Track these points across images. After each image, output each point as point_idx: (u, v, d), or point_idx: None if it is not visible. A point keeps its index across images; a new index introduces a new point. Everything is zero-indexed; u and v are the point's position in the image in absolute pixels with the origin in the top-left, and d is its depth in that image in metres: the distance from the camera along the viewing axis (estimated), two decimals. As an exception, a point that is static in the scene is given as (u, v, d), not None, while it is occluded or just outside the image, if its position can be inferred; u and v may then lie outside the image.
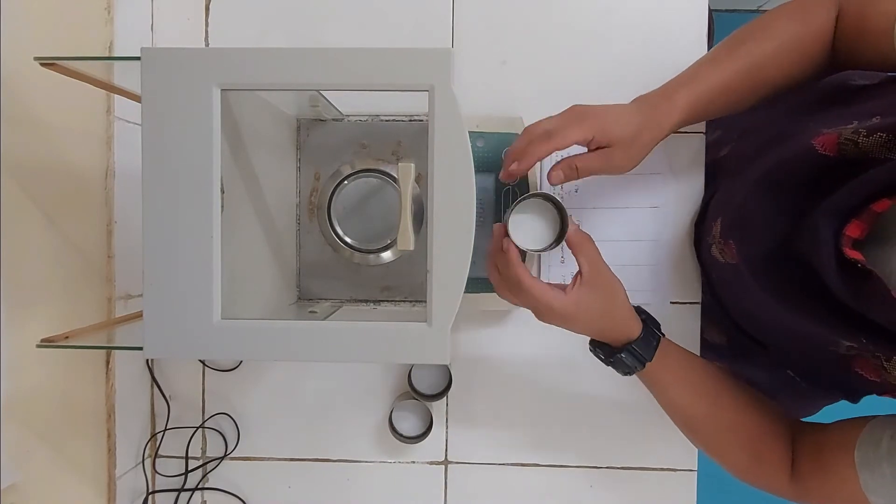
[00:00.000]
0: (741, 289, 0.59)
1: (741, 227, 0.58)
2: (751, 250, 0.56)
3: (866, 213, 0.44)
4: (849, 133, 0.46)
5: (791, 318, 0.53)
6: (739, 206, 0.58)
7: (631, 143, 0.55)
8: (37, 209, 0.58)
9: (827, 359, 0.52)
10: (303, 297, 0.73)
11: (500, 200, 0.69)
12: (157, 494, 0.75)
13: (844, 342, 0.49)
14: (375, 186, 0.70)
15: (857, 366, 0.49)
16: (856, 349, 0.49)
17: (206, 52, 0.52)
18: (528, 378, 0.74)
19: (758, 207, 0.55)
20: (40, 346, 0.50)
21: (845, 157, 0.46)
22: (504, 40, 0.72)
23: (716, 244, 0.62)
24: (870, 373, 0.48)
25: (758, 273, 0.55)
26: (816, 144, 0.48)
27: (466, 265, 0.45)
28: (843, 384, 0.54)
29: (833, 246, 0.45)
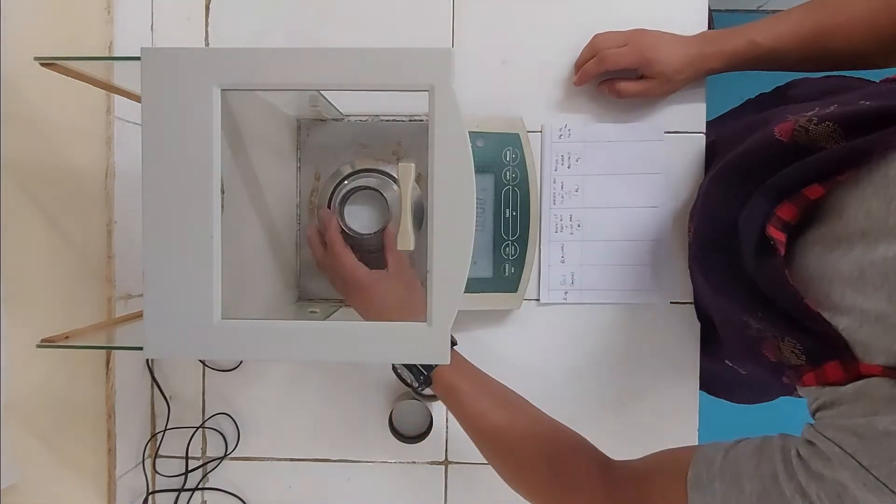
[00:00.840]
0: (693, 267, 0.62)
1: (700, 209, 0.60)
2: (702, 230, 0.58)
3: (798, 196, 0.45)
4: (804, 120, 0.47)
5: (719, 297, 0.55)
6: (703, 191, 0.60)
7: (669, 80, 0.65)
8: (37, 209, 0.58)
9: (745, 341, 0.53)
10: (303, 297, 0.73)
11: (499, 200, 0.69)
12: (157, 494, 0.75)
13: (753, 323, 0.50)
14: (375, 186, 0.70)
15: (763, 348, 0.50)
16: (762, 331, 0.49)
17: (206, 52, 0.52)
18: (527, 378, 0.73)
19: (715, 192, 0.57)
20: (40, 346, 0.50)
21: (797, 144, 0.47)
22: (504, 40, 0.72)
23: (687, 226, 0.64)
24: (771, 354, 0.49)
25: (700, 251, 0.58)
26: (776, 130, 0.49)
27: (466, 265, 0.45)
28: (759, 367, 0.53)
29: (760, 223, 0.47)
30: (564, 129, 0.71)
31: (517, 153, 0.69)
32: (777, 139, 0.49)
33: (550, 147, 0.71)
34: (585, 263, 0.72)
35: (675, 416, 0.72)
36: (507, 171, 0.69)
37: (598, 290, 0.72)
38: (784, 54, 0.60)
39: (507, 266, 0.69)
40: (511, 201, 0.69)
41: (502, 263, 0.69)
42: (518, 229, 0.69)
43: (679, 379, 0.72)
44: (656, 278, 0.72)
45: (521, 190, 0.69)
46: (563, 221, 0.72)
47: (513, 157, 0.68)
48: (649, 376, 0.73)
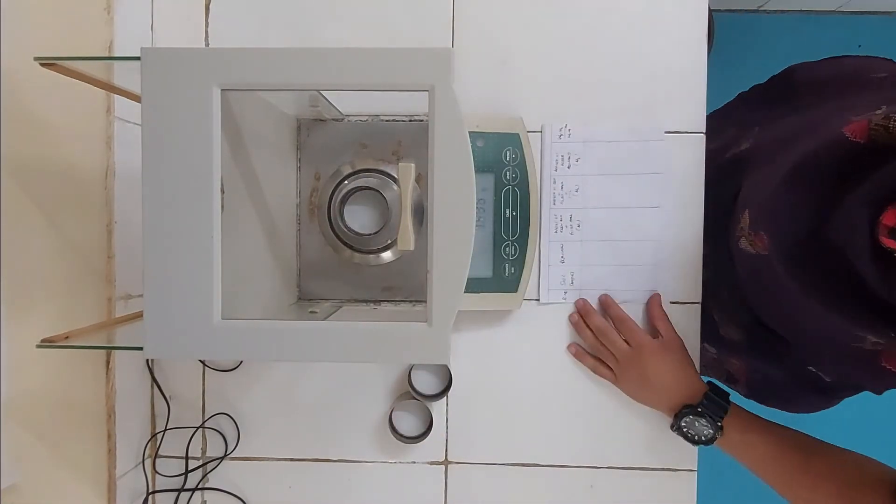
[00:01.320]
0: (771, 281, 0.59)
1: (771, 218, 0.57)
2: (782, 241, 0.56)
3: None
4: (879, 119, 0.45)
5: (818, 310, 0.53)
6: (769, 198, 0.57)
7: None
8: (37, 209, 0.58)
9: (853, 354, 0.51)
10: (303, 298, 0.73)
11: (499, 200, 0.69)
12: (157, 494, 0.75)
13: (871, 337, 0.48)
14: (375, 186, 0.70)
15: (884, 360, 0.48)
16: (882, 345, 0.48)
17: (206, 52, 0.52)
18: (528, 378, 0.74)
19: (788, 198, 0.54)
20: (40, 346, 0.50)
21: (876, 144, 0.45)
22: (504, 40, 0.72)
23: (745, 236, 0.61)
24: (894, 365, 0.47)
25: (788, 264, 0.55)
26: (847, 132, 0.47)
27: (466, 265, 0.45)
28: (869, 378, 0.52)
29: (868, 235, 0.44)
30: (564, 129, 0.71)
31: (517, 153, 0.69)
32: (852, 141, 0.47)
33: (550, 147, 0.71)
34: (585, 263, 0.72)
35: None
36: (507, 171, 0.69)
37: (597, 290, 0.72)
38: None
39: (507, 266, 0.69)
40: (511, 201, 0.69)
41: (502, 263, 0.69)
42: (518, 229, 0.69)
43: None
44: (656, 278, 0.72)
45: (521, 190, 0.69)
46: (563, 221, 0.72)
47: (513, 157, 0.68)
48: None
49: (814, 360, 0.64)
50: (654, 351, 0.66)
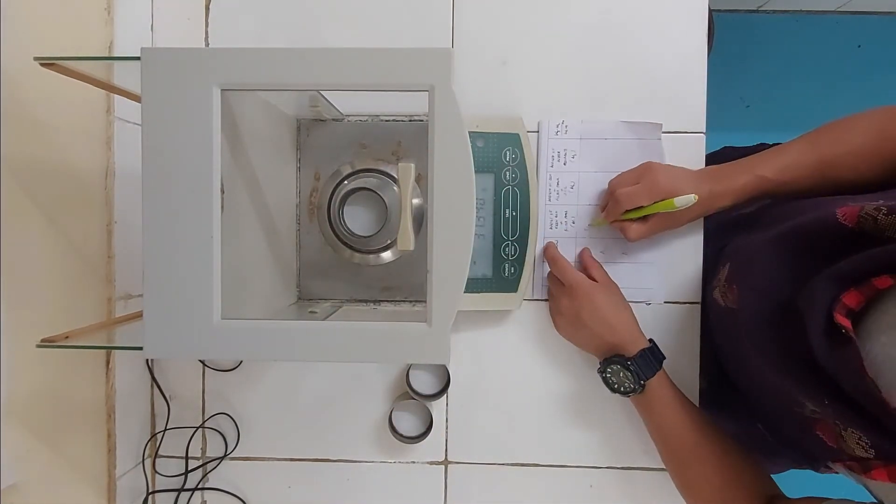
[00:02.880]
0: (734, 334, 0.61)
1: (747, 275, 0.59)
2: (752, 298, 0.57)
3: (867, 285, 0.45)
4: (871, 208, 0.46)
5: (769, 371, 0.54)
6: (751, 257, 0.59)
7: (677, 219, 0.65)
8: (37, 209, 0.58)
9: (793, 418, 0.53)
10: (303, 298, 0.73)
11: (499, 200, 0.69)
12: (157, 494, 0.75)
13: (809, 405, 0.50)
14: (375, 186, 0.70)
15: (818, 428, 0.50)
16: (818, 413, 0.49)
17: (206, 52, 0.52)
18: (527, 378, 0.74)
19: (768, 260, 0.55)
20: (40, 346, 0.50)
21: (862, 231, 0.46)
22: (504, 40, 0.72)
23: (719, 287, 0.63)
24: (829, 438, 0.49)
25: (752, 322, 0.56)
26: (839, 213, 0.48)
27: (466, 265, 0.45)
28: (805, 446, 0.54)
29: (826, 309, 0.46)
30: (561, 125, 0.71)
31: (517, 153, 0.69)
32: (840, 223, 0.48)
33: (547, 143, 0.71)
34: (580, 260, 0.72)
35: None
36: (507, 171, 0.69)
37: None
38: (792, 185, 0.60)
39: (507, 266, 0.69)
40: (511, 201, 0.69)
41: (502, 263, 0.69)
42: (518, 229, 0.69)
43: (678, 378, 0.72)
44: (650, 277, 0.72)
45: (520, 190, 0.69)
46: (558, 218, 0.72)
47: (513, 157, 0.69)
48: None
49: (762, 419, 0.65)
50: (588, 291, 0.66)
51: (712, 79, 0.71)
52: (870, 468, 0.44)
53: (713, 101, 0.71)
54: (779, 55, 1.73)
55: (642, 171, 0.65)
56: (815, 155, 0.59)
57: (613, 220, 0.67)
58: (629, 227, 0.66)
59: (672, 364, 0.72)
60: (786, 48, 1.72)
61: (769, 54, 1.71)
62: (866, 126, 0.58)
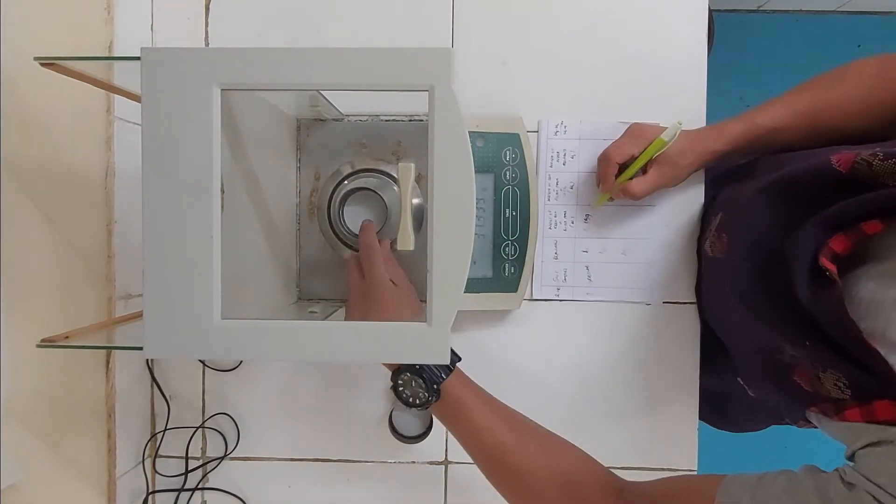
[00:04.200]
0: (718, 284, 0.60)
1: (737, 223, 0.59)
2: (739, 247, 0.57)
3: (855, 230, 0.45)
4: (866, 154, 0.46)
5: (749, 320, 0.54)
6: (742, 205, 0.59)
7: (675, 163, 0.63)
8: (37, 209, 0.58)
9: (772, 365, 0.52)
10: (303, 297, 0.73)
11: (499, 200, 0.69)
12: (157, 494, 0.75)
13: (789, 349, 0.49)
14: (375, 186, 0.70)
15: (795, 374, 0.49)
16: (798, 358, 0.49)
17: (206, 52, 0.52)
18: (527, 378, 0.74)
19: (759, 209, 0.55)
20: (40, 346, 0.50)
21: (856, 177, 0.46)
22: (504, 40, 0.72)
23: (710, 238, 0.63)
24: (805, 382, 0.48)
25: (737, 270, 0.56)
26: (833, 160, 0.48)
27: (466, 265, 0.45)
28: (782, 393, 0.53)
29: (813, 252, 0.46)
30: (560, 125, 0.71)
31: (517, 153, 0.69)
32: (834, 168, 0.47)
33: (546, 143, 0.71)
34: (578, 261, 0.72)
35: (675, 415, 0.72)
36: (507, 171, 0.69)
37: (590, 288, 0.72)
38: (784, 133, 0.60)
39: (507, 266, 0.69)
40: (511, 201, 0.69)
41: (502, 263, 0.69)
42: (518, 229, 0.69)
43: (677, 378, 0.72)
44: (649, 277, 0.72)
45: (520, 190, 0.69)
46: (557, 218, 0.72)
47: (513, 157, 0.69)
48: (646, 376, 0.73)
49: (742, 371, 0.64)
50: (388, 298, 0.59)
51: (712, 78, 0.71)
52: (843, 409, 0.44)
53: (713, 101, 0.71)
54: (779, 55, 1.73)
55: (629, 127, 0.65)
56: (808, 102, 0.59)
57: (610, 185, 0.65)
58: (630, 185, 0.64)
59: (672, 364, 0.73)
60: (786, 48, 1.72)
61: (769, 54, 1.71)
62: (860, 74, 0.58)
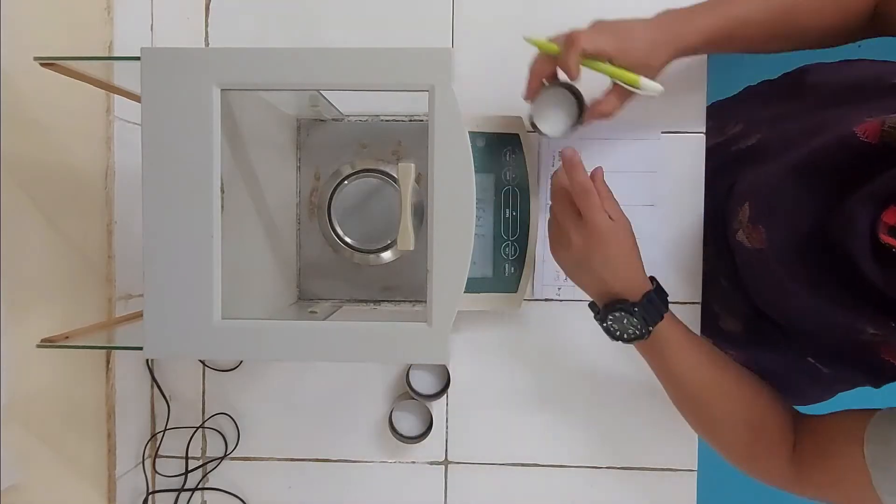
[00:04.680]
0: (767, 274, 0.58)
1: (772, 212, 0.57)
2: (780, 236, 0.55)
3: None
4: (893, 121, 0.45)
5: (817, 304, 0.53)
6: (772, 192, 0.57)
7: (649, 66, 0.57)
8: (37, 209, 0.58)
9: (853, 345, 0.52)
10: (303, 297, 0.73)
11: (499, 200, 0.69)
12: (157, 494, 0.75)
13: (869, 329, 0.49)
14: (375, 186, 0.70)
15: (884, 352, 0.49)
16: (881, 336, 0.48)
17: (206, 52, 0.52)
18: (528, 378, 0.74)
19: (792, 193, 0.54)
20: (40, 346, 0.50)
21: (887, 145, 0.46)
22: (504, 40, 0.72)
23: (743, 229, 0.61)
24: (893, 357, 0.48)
25: (786, 259, 0.54)
26: (858, 132, 0.47)
27: (466, 265, 0.45)
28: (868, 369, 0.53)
29: (869, 231, 0.45)
30: (563, 126, 0.71)
31: (517, 153, 0.69)
32: (862, 140, 0.47)
33: (547, 143, 0.71)
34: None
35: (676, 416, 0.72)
36: (507, 171, 0.69)
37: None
38: (752, 28, 0.58)
39: (507, 266, 0.69)
40: (511, 201, 0.69)
41: (502, 263, 0.69)
42: (518, 229, 0.69)
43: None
44: (655, 278, 0.71)
45: (520, 190, 0.69)
46: (559, 218, 0.72)
47: (513, 157, 0.69)
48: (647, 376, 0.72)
49: (812, 351, 0.63)
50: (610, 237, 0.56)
51: (712, 79, 0.71)
52: None
53: (713, 101, 0.71)
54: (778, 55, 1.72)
55: (594, 22, 0.59)
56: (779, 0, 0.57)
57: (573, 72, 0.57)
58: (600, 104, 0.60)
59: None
60: (786, 48, 1.71)
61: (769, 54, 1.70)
62: None
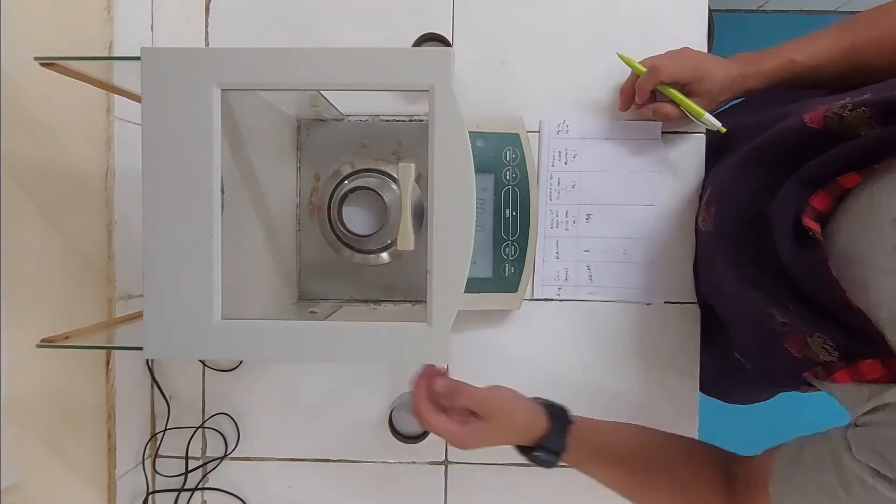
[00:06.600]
0: (711, 255, 0.61)
1: (723, 194, 0.59)
2: (726, 216, 0.57)
3: (833, 185, 0.44)
4: (836, 107, 0.46)
5: (741, 286, 0.54)
6: (726, 176, 0.59)
7: (714, 99, 0.64)
8: (37, 209, 0.58)
9: (764, 334, 0.52)
10: (303, 297, 0.73)
11: (499, 200, 0.69)
12: (157, 494, 0.75)
13: (778, 315, 0.49)
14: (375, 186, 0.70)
15: (785, 341, 0.49)
16: (787, 324, 0.49)
17: (206, 52, 0.52)
18: (527, 378, 0.73)
19: (740, 177, 0.56)
20: (40, 346, 0.50)
21: (829, 131, 0.46)
22: (504, 40, 0.72)
23: (701, 213, 0.63)
24: (795, 348, 0.48)
25: (725, 238, 0.56)
26: (806, 118, 0.48)
27: (466, 265, 0.45)
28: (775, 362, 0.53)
29: (793, 213, 0.45)
30: (563, 124, 0.71)
31: (517, 153, 0.69)
32: (807, 126, 0.48)
33: (548, 142, 0.71)
34: (580, 260, 0.72)
35: (676, 416, 0.72)
36: (507, 171, 0.69)
37: (591, 287, 0.72)
38: (821, 71, 0.60)
39: (507, 266, 0.69)
40: (511, 201, 0.69)
41: (502, 263, 0.69)
42: (518, 229, 0.69)
43: (678, 379, 0.72)
44: (651, 277, 0.72)
45: (521, 190, 0.69)
46: (559, 217, 0.72)
47: (513, 157, 0.69)
48: (647, 376, 0.73)
49: (738, 344, 0.64)
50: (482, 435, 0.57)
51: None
52: (833, 371, 0.44)
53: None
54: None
55: (677, 51, 0.65)
56: (847, 41, 0.59)
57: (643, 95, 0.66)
58: (664, 105, 0.65)
59: (672, 364, 0.73)
60: (786, 48, 1.72)
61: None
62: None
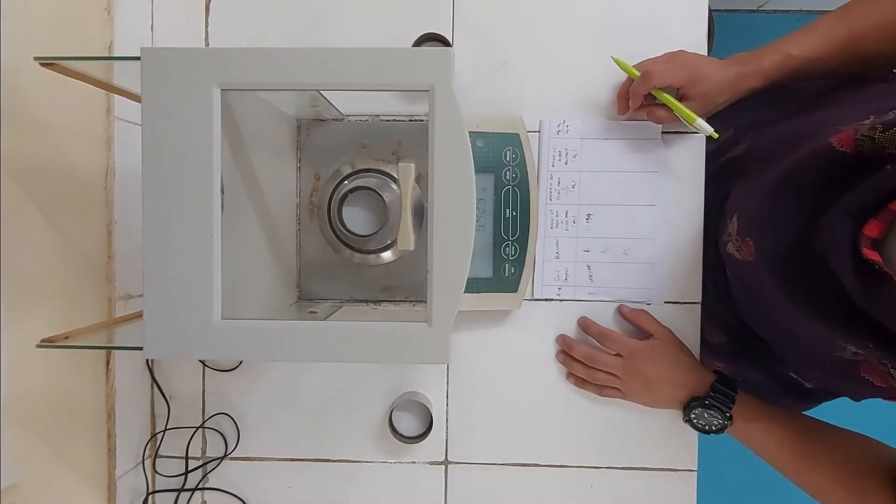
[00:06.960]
0: (757, 287, 0.59)
1: (758, 226, 0.58)
2: (768, 249, 0.56)
3: (885, 211, 0.43)
4: (865, 129, 0.45)
5: (801, 319, 0.53)
6: (757, 206, 0.58)
7: (711, 101, 0.63)
8: (37, 209, 0.58)
9: (833, 362, 0.51)
10: (303, 298, 0.73)
11: (500, 200, 0.69)
12: (157, 494, 0.75)
13: (851, 347, 0.48)
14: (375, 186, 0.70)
15: (863, 370, 0.48)
16: (862, 355, 0.48)
17: (206, 52, 0.52)
18: (528, 378, 0.74)
19: (775, 207, 0.54)
20: (40, 346, 0.50)
21: (862, 154, 0.45)
22: (504, 40, 0.72)
23: (732, 241, 0.62)
24: (876, 378, 0.47)
25: (774, 272, 0.55)
26: (834, 142, 0.47)
27: (466, 265, 0.45)
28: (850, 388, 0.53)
29: (850, 246, 0.44)
30: (563, 124, 0.71)
31: (517, 153, 0.69)
32: (838, 151, 0.46)
33: (548, 142, 0.71)
34: (580, 260, 0.72)
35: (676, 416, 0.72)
36: (507, 171, 0.69)
37: (591, 287, 0.72)
38: (819, 63, 0.60)
39: (507, 266, 0.69)
40: (511, 201, 0.69)
41: (502, 263, 0.69)
42: (518, 229, 0.69)
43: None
44: (651, 277, 0.72)
45: (521, 190, 0.69)
46: (559, 217, 0.72)
47: (513, 157, 0.69)
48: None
49: (795, 367, 0.64)
50: (647, 354, 0.65)
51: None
52: None
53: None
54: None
55: (671, 54, 0.65)
56: (844, 29, 0.58)
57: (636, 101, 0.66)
58: (658, 109, 0.65)
59: (672, 364, 0.72)
60: (786, 48, 1.71)
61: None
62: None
